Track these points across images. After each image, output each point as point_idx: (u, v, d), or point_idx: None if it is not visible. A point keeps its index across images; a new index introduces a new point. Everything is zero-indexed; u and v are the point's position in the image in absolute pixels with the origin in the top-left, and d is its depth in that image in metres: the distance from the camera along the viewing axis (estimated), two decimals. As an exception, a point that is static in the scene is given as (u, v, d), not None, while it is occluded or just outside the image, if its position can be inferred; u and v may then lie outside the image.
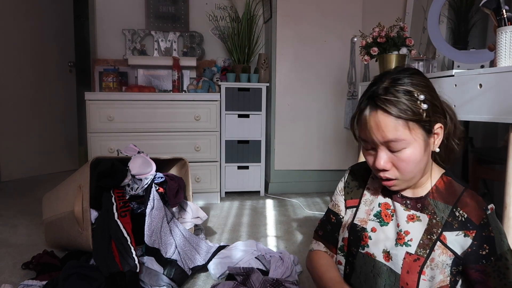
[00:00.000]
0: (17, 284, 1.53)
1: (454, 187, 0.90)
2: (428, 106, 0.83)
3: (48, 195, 1.94)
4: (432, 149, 0.88)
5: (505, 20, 1.23)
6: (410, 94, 0.83)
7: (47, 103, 3.81)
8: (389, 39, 2.03)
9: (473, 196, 0.88)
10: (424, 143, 0.85)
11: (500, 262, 0.84)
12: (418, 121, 0.83)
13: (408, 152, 0.84)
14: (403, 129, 0.83)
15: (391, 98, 0.83)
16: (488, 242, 0.84)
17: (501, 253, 0.84)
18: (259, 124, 3.03)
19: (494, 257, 0.84)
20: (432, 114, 0.84)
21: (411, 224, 0.91)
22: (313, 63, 3.05)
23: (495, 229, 0.84)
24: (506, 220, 1.12)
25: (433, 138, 0.87)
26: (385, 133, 0.83)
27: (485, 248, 0.84)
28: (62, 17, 3.93)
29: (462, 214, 0.86)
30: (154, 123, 2.72)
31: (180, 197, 1.87)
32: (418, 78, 0.87)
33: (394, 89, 0.84)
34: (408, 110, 0.82)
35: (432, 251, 0.87)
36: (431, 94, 0.86)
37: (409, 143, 0.84)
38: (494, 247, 0.84)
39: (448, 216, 0.87)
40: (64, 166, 3.96)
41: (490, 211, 0.86)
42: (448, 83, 1.38)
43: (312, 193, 3.16)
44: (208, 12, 3.34)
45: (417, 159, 0.85)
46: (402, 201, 0.94)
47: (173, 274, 1.58)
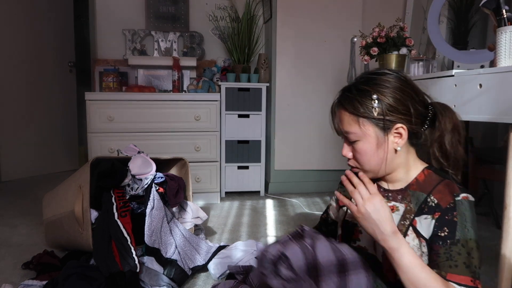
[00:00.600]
0: (17, 284, 1.53)
1: (433, 178, 0.93)
2: (382, 106, 0.89)
3: (48, 195, 1.94)
4: (393, 147, 0.93)
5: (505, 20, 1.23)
6: (365, 92, 0.91)
7: (47, 103, 3.81)
8: (389, 39, 2.03)
9: (448, 185, 0.90)
10: (377, 139, 0.92)
11: (455, 247, 0.84)
12: (370, 118, 0.91)
13: (360, 145, 0.93)
14: (354, 123, 0.92)
15: (350, 95, 0.94)
16: (449, 226, 0.86)
17: (460, 239, 0.84)
18: (259, 124, 3.03)
19: (450, 240, 0.85)
20: (388, 114, 0.90)
21: (393, 215, 0.94)
22: (313, 63, 3.05)
23: (461, 215, 0.85)
24: (506, 220, 1.12)
25: (394, 137, 0.92)
26: (342, 125, 0.95)
27: (444, 230, 0.86)
28: (62, 17, 3.93)
29: (433, 200, 0.89)
30: (154, 123, 2.72)
31: (180, 197, 1.87)
32: (384, 79, 0.92)
33: (356, 88, 0.94)
34: (360, 107, 0.91)
35: (406, 236, 0.90)
36: (396, 96, 0.90)
37: (360, 136, 0.92)
38: (455, 232, 0.85)
39: (422, 203, 0.91)
40: (64, 166, 3.97)
41: (462, 199, 0.87)
42: (448, 83, 1.38)
43: (312, 193, 3.16)
44: (208, 12, 3.34)
45: (369, 152, 0.93)
46: (384, 194, 0.99)
47: (173, 274, 1.58)
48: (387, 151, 0.92)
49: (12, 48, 3.48)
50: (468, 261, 0.84)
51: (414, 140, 0.95)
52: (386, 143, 0.92)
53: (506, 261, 1.11)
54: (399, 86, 0.91)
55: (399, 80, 0.92)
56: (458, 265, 0.84)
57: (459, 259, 0.84)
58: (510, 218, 1.11)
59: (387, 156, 0.93)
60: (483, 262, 0.87)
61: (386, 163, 0.94)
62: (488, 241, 2.12)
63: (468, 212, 0.86)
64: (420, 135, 0.95)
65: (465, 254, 0.84)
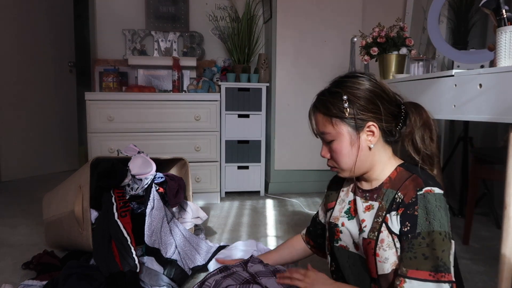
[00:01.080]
0: (17, 284, 1.53)
1: (403, 174, 0.97)
2: (353, 106, 0.95)
3: (48, 195, 1.94)
4: (367, 145, 0.98)
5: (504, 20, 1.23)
6: (336, 94, 0.98)
7: (47, 103, 3.81)
8: (389, 39, 2.03)
9: (414, 180, 0.93)
10: (350, 138, 0.97)
11: (415, 240, 0.87)
12: (341, 118, 0.97)
13: (335, 144, 0.99)
14: (328, 124, 0.99)
15: (323, 98, 1.00)
16: (410, 220, 0.89)
17: (420, 232, 0.87)
18: (259, 124, 3.03)
19: (411, 234, 0.88)
20: (359, 113, 0.95)
21: (367, 213, 0.99)
22: (313, 63, 3.05)
23: (422, 209, 0.88)
24: (506, 220, 1.12)
25: (367, 135, 0.97)
26: (318, 127, 1.02)
27: (407, 225, 0.89)
28: (62, 17, 3.93)
29: (400, 196, 0.93)
30: (154, 123, 2.72)
31: (180, 197, 1.87)
32: (355, 81, 0.98)
33: (329, 90, 1.01)
34: (332, 108, 0.97)
35: (380, 233, 0.94)
36: (366, 95, 0.96)
37: (334, 136, 0.98)
38: (415, 225, 0.88)
39: (392, 200, 0.94)
40: (64, 166, 3.97)
41: (424, 192, 0.89)
42: (448, 83, 1.38)
43: (312, 193, 3.16)
44: (208, 12, 3.34)
45: (344, 151, 0.98)
46: (362, 194, 1.04)
47: (173, 274, 1.58)
48: (361, 149, 0.97)
49: (12, 48, 3.48)
50: (428, 252, 0.85)
51: (389, 138, 1.00)
52: (359, 141, 0.97)
53: (506, 261, 1.11)
54: (369, 87, 0.97)
55: (369, 82, 0.99)
56: (416, 256, 0.86)
57: (418, 250, 0.86)
58: (510, 218, 1.11)
59: (362, 154, 0.98)
60: (449, 253, 0.87)
61: (361, 161, 0.98)
62: (488, 241, 2.13)
63: (431, 205, 0.88)
64: (394, 133, 0.99)
65: (425, 245, 0.86)
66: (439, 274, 0.84)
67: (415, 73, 1.95)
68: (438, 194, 0.89)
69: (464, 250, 1.98)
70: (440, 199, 0.89)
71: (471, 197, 2.02)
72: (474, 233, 2.18)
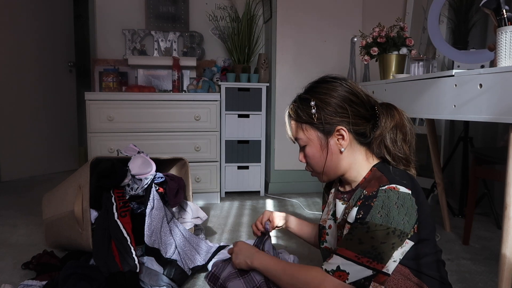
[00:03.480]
0: (17, 284, 1.52)
1: (374, 174, 0.97)
2: (321, 111, 0.97)
3: (48, 195, 1.94)
4: (338, 148, 0.99)
5: (505, 20, 1.23)
6: (305, 100, 1.00)
7: (47, 103, 3.81)
8: (389, 39, 2.03)
9: (379, 178, 0.93)
10: (320, 142, 0.99)
11: (361, 226, 0.88)
12: (311, 123, 0.99)
13: (307, 149, 1.02)
14: (299, 130, 1.02)
15: (294, 105, 1.04)
16: (365, 210, 0.89)
17: (368, 221, 0.87)
18: (259, 124, 3.03)
19: (360, 220, 0.88)
20: (327, 118, 0.97)
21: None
22: (313, 63, 3.05)
23: (379, 202, 0.87)
24: (506, 220, 1.12)
25: (337, 139, 0.98)
26: (292, 133, 1.05)
27: (360, 213, 0.90)
28: (62, 17, 3.93)
29: (363, 192, 0.94)
30: (154, 123, 2.72)
31: (180, 197, 1.87)
32: (324, 86, 1.00)
33: (298, 97, 1.04)
34: (301, 114, 1.00)
35: (344, 228, 0.96)
36: (332, 100, 0.97)
37: (306, 141, 1.01)
38: (367, 214, 0.88)
39: (358, 198, 0.94)
40: (64, 166, 3.96)
41: (387, 188, 0.88)
42: (448, 83, 1.38)
43: (312, 193, 3.16)
44: (208, 12, 3.34)
45: (315, 155, 1.01)
46: (341, 196, 1.06)
47: (173, 274, 1.58)
48: (332, 153, 0.99)
49: (12, 48, 3.48)
50: (365, 239, 0.86)
51: (362, 139, 0.99)
52: (329, 146, 0.98)
53: (506, 261, 1.11)
54: (339, 91, 0.98)
55: (340, 86, 0.99)
56: (352, 239, 0.88)
57: (355, 234, 0.88)
58: (510, 218, 1.11)
59: (333, 157, 0.99)
60: (391, 247, 0.87)
61: (334, 165, 1.00)
62: (488, 241, 2.13)
63: (390, 201, 0.87)
64: (368, 135, 0.99)
65: (365, 232, 0.86)
66: (365, 258, 0.86)
67: (415, 73, 1.95)
68: (402, 193, 0.88)
69: (464, 250, 1.98)
70: (403, 197, 0.88)
71: (471, 197, 2.02)
72: (474, 233, 2.18)
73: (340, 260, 0.88)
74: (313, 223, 1.35)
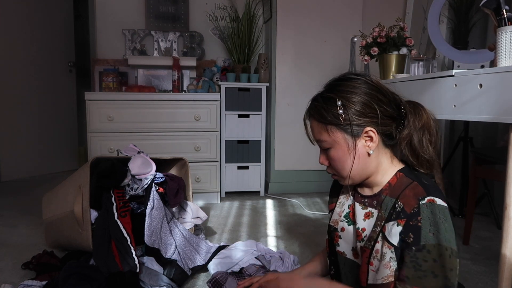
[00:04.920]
0: (17, 284, 1.52)
1: (403, 181, 0.91)
2: (348, 111, 0.89)
3: (48, 195, 1.94)
4: (366, 151, 0.92)
5: (505, 20, 1.23)
6: (330, 100, 0.92)
7: (47, 103, 3.81)
8: (389, 39, 2.03)
9: (414, 188, 0.87)
10: (347, 145, 0.92)
11: (420, 253, 0.81)
12: (337, 124, 0.91)
13: (332, 152, 0.94)
14: (324, 131, 0.94)
15: (316, 104, 0.95)
16: (414, 231, 0.83)
17: (425, 244, 0.81)
18: (259, 124, 3.03)
19: (416, 247, 0.82)
20: (355, 119, 0.90)
21: (367, 221, 0.95)
22: (313, 63, 3.05)
23: (425, 220, 0.82)
24: (506, 220, 1.12)
25: (365, 141, 0.92)
26: (314, 135, 0.97)
27: (410, 236, 0.83)
28: (62, 17, 3.93)
29: (399, 205, 0.87)
30: (154, 123, 2.72)
31: (180, 197, 1.87)
32: (349, 84, 0.92)
33: (322, 96, 0.95)
34: (326, 115, 0.92)
35: (376, 243, 0.90)
36: (362, 99, 0.90)
37: (331, 144, 0.93)
38: (419, 237, 0.82)
39: (391, 209, 0.89)
40: (64, 166, 3.96)
41: (427, 202, 0.83)
42: (448, 83, 1.38)
43: (312, 193, 3.16)
44: (208, 12, 3.34)
45: (341, 158, 0.93)
46: (361, 200, 1.00)
47: (173, 274, 1.58)
48: (359, 156, 0.92)
49: (12, 48, 3.48)
50: (438, 270, 0.80)
51: (388, 141, 0.94)
52: (357, 148, 0.92)
53: (506, 261, 1.11)
54: (365, 89, 0.91)
55: (365, 83, 0.92)
56: (426, 275, 0.81)
57: (425, 266, 0.81)
58: (510, 218, 1.11)
59: (360, 161, 0.92)
60: (456, 273, 0.82)
61: (361, 168, 0.93)
62: (488, 241, 2.12)
63: (435, 216, 0.82)
64: (394, 136, 0.94)
65: (431, 261, 0.81)
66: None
67: (415, 73, 1.95)
68: (441, 206, 0.83)
69: (464, 250, 1.98)
70: (443, 211, 0.83)
71: (471, 197, 2.02)
72: (474, 233, 2.18)
73: None
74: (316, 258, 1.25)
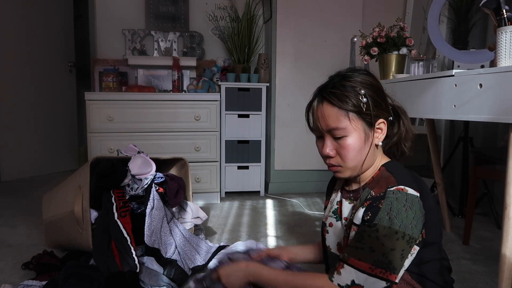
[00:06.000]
0: (17, 284, 1.52)
1: (382, 174, 0.95)
2: (369, 100, 0.92)
3: (48, 195, 1.94)
4: (375, 142, 0.95)
5: (505, 20, 1.23)
6: (353, 88, 0.93)
7: (47, 103, 3.81)
8: (389, 39, 2.03)
9: (388, 178, 0.92)
10: (364, 134, 0.93)
11: (368, 229, 0.85)
12: (359, 112, 0.92)
13: (349, 140, 0.93)
14: (344, 118, 0.92)
15: (336, 91, 0.93)
16: (372, 211, 0.86)
17: (377, 224, 0.84)
18: (259, 124, 3.03)
19: (368, 223, 0.86)
20: (374, 109, 0.93)
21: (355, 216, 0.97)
22: (313, 63, 3.05)
23: (387, 204, 0.85)
24: (506, 220, 1.12)
25: (375, 132, 0.95)
26: (329, 121, 0.94)
27: (368, 214, 0.87)
28: (62, 17, 3.93)
29: (371, 193, 0.91)
30: (154, 123, 2.72)
31: (180, 197, 1.87)
32: (364, 77, 0.96)
33: (340, 84, 0.94)
34: (349, 102, 0.92)
35: (352, 231, 0.93)
36: (375, 92, 0.95)
37: (349, 131, 0.93)
38: (375, 216, 0.85)
39: (365, 199, 0.92)
40: (64, 166, 3.96)
41: (395, 190, 0.86)
42: (448, 83, 1.38)
43: (312, 193, 3.16)
44: (208, 12, 3.34)
45: (357, 147, 0.93)
46: (347, 195, 1.03)
47: (173, 274, 1.58)
48: (371, 146, 0.95)
49: (12, 48, 3.48)
50: (376, 247, 0.83)
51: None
52: (372, 138, 0.94)
53: (506, 261, 1.11)
54: (375, 84, 0.96)
55: (373, 78, 0.97)
56: (363, 247, 0.84)
57: (367, 241, 0.84)
58: (510, 218, 1.11)
59: (370, 151, 0.95)
60: (400, 254, 0.84)
61: (369, 159, 0.96)
62: (488, 241, 2.13)
63: (398, 203, 0.85)
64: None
65: (374, 238, 0.83)
66: (378, 269, 0.82)
67: (415, 73, 1.95)
68: (410, 195, 0.86)
69: (464, 250, 1.98)
70: (412, 200, 0.85)
71: (471, 197, 2.02)
72: (474, 233, 2.18)
73: (354, 273, 0.84)
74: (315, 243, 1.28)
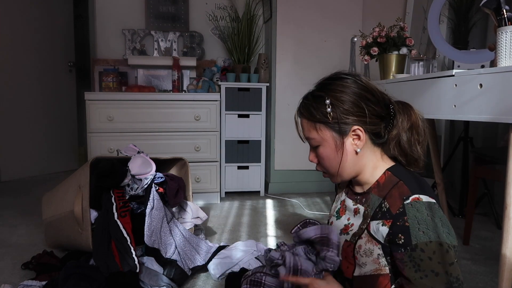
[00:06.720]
0: (17, 284, 1.52)
1: (390, 180, 0.93)
2: (336, 110, 0.91)
3: (48, 195, 1.94)
4: (354, 149, 0.94)
5: (505, 20, 1.23)
6: (319, 98, 0.94)
7: (47, 103, 3.81)
8: (389, 39, 2.03)
9: (400, 187, 0.90)
10: (334, 143, 0.94)
11: (415, 253, 0.83)
12: (325, 123, 0.93)
13: (321, 150, 0.96)
14: (312, 130, 0.96)
15: (306, 102, 0.97)
16: (403, 232, 0.84)
17: (417, 243, 0.83)
18: (259, 124, 3.03)
19: (409, 247, 0.84)
20: (343, 117, 0.92)
21: (356, 217, 0.99)
22: (313, 63, 3.05)
23: (412, 219, 0.84)
24: (506, 220, 1.11)
25: (353, 139, 0.94)
26: (304, 132, 0.98)
27: (400, 238, 0.85)
28: (62, 17, 3.93)
29: (385, 205, 0.90)
30: (154, 123, 2.72)
31: (180, 197, 1.87)
32: (338, 83, 0.94)
33: (312, 94, 0.97)
34: (315, 113, 0.94)
35: (360, 239, 0.93)
36: (348, 98, 0.92)
37: (319, 141, 0.96)
38: (410, 237, 0.83)
39: (377, 208, 0.92)
40: (64, 166, 3.96)
41: (411, 201, 0.85)
42: (448, 83, 1.38)
43: (312, 193, 3.16)
44: (208, 12, 3.34)
45: (330, 156, 0.95)
46: (353, 197, 1.03)
47: (173, 274, 1.58)
48: (347, 154, 0.94)
49: (12, 48, 3.48)
50: (436, 267, 0.81)
51: (377, 140, 0.96)
52: (344, 146, 0.94)
53: (506, 261, 1.11)
54: (354, 89, 0.93)
55: (354, 83, 0.94)
56: (427, 274, 0.81)
57: (424, 267, 0.82)
58: (510, 218, 1.11)
59: (348, 158, 0.95)
60: (458, 268, 0.83)
61: (348, 166, 0.96)
62: (488, 241, 2.12)
63: (421, 214, 0.84)
64: (382, 135, 0.96)
65: (427, 260, 0.81)
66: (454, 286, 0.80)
67: (415, 73, 1.95)
68: (427, 202, 0.85)
69: (464, 250, 1.98)
70: (430, 208, 0.84)
71: (471, 197, 2.02)
72: (474, 233, 2.18)
73: None
74: None
